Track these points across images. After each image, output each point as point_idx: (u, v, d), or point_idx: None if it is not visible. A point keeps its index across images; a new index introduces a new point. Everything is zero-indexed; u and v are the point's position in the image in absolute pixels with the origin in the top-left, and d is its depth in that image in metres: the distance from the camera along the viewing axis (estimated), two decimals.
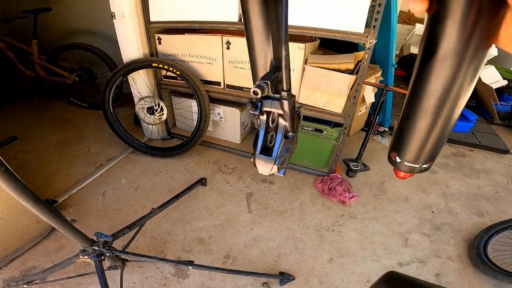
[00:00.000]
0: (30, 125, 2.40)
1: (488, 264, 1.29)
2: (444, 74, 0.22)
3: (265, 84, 0.29)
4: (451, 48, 0.20)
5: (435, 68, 0.22)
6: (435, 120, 0.26)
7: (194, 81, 1.73)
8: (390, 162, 0.34)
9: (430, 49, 0.22)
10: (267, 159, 0.36)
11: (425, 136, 0.27)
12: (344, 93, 1.45)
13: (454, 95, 0.23)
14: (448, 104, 0.24)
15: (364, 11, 1.25)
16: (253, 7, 0.27)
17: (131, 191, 1.72)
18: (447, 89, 0.23)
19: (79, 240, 0.91)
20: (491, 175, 2.01)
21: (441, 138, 0.27)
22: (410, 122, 0.28)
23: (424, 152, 0.29)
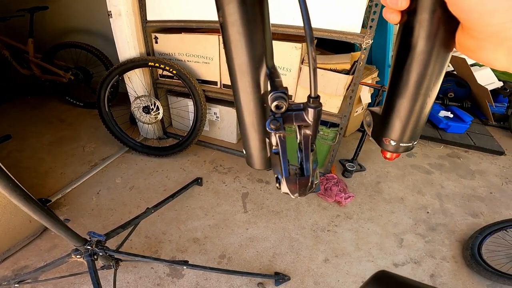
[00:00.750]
0: (24, 123, 2.38)
1: (482, 265, 1.29)
2: (418, 64, 0.26)
3: (285, 95, 0.25)
4: (424, 41, 0.24)
5: (411, 60, 0.26)
6: (415, 102, 0.29)
7: (191, 80, 1.72)
8: (380, 145, 0.36)
9: (406, 43, 0.25)
10: (302, 180, 0.31)
11: (407, 116, 0.31)
12: (341, 93, 1.46)
13: (427, 81, 0.27)
14: (424, 89, 0.28)
15: (361, 12, 1.25)
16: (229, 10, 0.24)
17: (125, 191, 1.70)
18: (422, 76, 0.26)
19: (72, 239, 0.90)
20: (486, 176, 2.02)
21: (421, 118, 0.31)
22: (394, 107, 0.31)
23: (407, 131, 0.32)
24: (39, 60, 2.44)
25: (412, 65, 0.26)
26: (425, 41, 0.24)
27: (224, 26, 0.25)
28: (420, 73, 0.26)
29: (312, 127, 0.29)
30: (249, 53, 0.26)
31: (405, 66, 0.27)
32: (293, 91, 1.64)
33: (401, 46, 0.26)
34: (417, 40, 0.24)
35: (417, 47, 0.25)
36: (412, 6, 0.23)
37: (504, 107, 2.81)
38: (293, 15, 1.38)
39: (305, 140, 0.30)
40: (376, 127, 0.37)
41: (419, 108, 0.30)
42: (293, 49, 1.50)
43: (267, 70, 0.28)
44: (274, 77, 0.28)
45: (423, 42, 0.24)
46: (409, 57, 0.26)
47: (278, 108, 0.26)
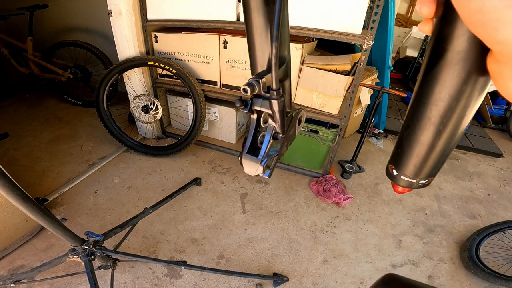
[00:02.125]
0: (22, 122, 2.36)
1: (480, 266, 1.29)
2: (452, 80, 0.20)
3: (256, 82, 0.28)
4: (461, 51, 0.19)
5: (442, 74, 0.20)
6: (439, 132, 0.23)
7: (190, 80, 1.71)
8: (387, 175, 0.32)
9: (438, 52, 0.20)
10: (254, 159, 0.35)
11: (427, 149, 0.25)
12: (340, 95, 1.46)
13: (462, 105, 0.21)
14: (455, 115, 0.22)
15: (362, 13, 1.25)
16: (254, 4, 0.27)
17: (123, 190, 1.69)
18: (455, 98, 0.21)
19: (69, 239, 0.89)
20: (484, 178, 2.03)
21: (444, 152, 0.25)
22: (411, 133, 0.26)
23: (424, 167, 0.27)
24: (38, 58, 2.42)
25: (449, 72, 0.20)
26: (470, 35, 0.18)
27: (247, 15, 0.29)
28: (459, 84, 0.20)
29: (275, 117, 0.33)
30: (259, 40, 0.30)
31: (439, 75, 0.21)
32: (293, 92, 1.64)
33: (434, 47, 0.20)
34: (458, 36, 0.18)
35: (458, 46, 0.19)
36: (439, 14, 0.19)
37: (503, 109, 2.83)
38: (294, 16, 1.37)
39: (268, 129, 0.34)
40: (392, 153, 0.32)
41: (444, 141, 0.24)
42: (293, 49, 1.50)
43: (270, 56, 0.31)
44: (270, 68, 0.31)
45: (466, 37, 0.18)
46: (445, 61, 0.20)
47: (244, 91, 0.29)
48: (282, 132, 0.34)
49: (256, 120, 0.34)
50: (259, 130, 0.35)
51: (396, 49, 4.38)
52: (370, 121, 1.78)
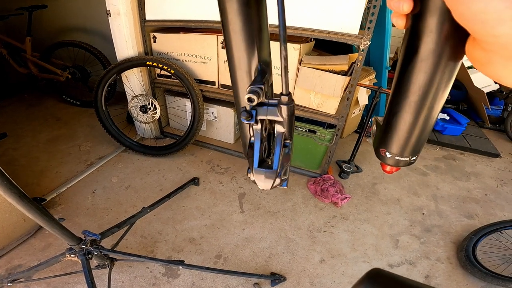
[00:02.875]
0: (20, 122, 2.36)
1: (476, 266, 1.30)
2: (424, 72, 0.24)
3: (260, 89, 0.27)
4: (431, 48, 0.22)
5: (417, 65, 0.24)
6: (418, 114, 0.27)
7: (188, 80, 1.72)
8: (378, 157, 0.34)
9: (412, 49, 0.23)
10: (269, 172, 0.32)
11: (410, 129, 0.28)
12: (338, 95, 1.46)
13: (434, 91, 0.25)
14: (429, 100, 0.25)
15: (359, 13, 1.26)
16: (231, 6, 0.25)
17: (122, 190, 1.70)
18: (428, 86, 0.24)
19: (66, 238, 0.89)
20: (481, 178, 2.04)
21: (424, 131, 0.29)
22: (396, 118, 0.29)
23: (409, 145, 0.30)
24: (37, 58, 2.42)
25: (418, 73, 0.24)
26: (432, 48, 0.22)
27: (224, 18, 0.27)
28: (426, 82, 0.24)
29: (285, 123, 0.30)
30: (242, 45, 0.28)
31: (410, 74, 0.25)
32: (291, 92, 1.64)
33: (406, 53, 0.24)
34: (423, 46, 0.22)
35: (423, 54, 0.22)
36: (417, 10, 0.21)
37: (500, 109, 2.83)
38: (291, 16, 1.38)
39: (278, 136, 0.32)
40: (377, 137, 0.35)
41: (423, 121, 0.28)
42: (291, 49, 1.50)
43: (258, 65, 0.29)
44: (262, 73, 0.29)
45: (429, 49, 0.22)
46: (415, 64, 0.24)
47: (250, 101, 0.27)
48: (290, 137, 0.33)
49: (261, 130, 0.32)
50: (262, 140, 0.33)
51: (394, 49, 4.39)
52: (367, 121, 1.78)
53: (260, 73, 0.29)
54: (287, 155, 0.34)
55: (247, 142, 0.36)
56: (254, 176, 0.33)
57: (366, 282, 0.25)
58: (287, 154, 0.34)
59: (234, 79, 0.32)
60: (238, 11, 0.25)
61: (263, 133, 0.32)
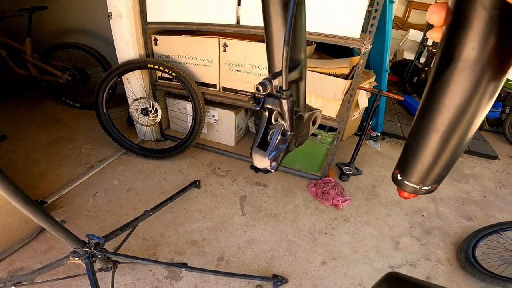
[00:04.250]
0: (20, 124, 2.35)
1: (476, 267, 1.31)
2: (462, 86, 0.20)
3: (268, 82, 0.30)
4: (469, 59, 0.18)
5: (452, 79, 0.20)
6: (447, 138, 0.23)
7: (190, 83, 1.72)
8: (393, 180, 0.31)
9: (446, 60, 0.20)
10: (262, 153, 0.37)
11: (434, 156, 0.25)
12: (339, 98, 1.48)
13: (471, 112, 0.21)
14: (464, 122, 0.21)
15: (361, 17, 1.27)
16: (273, 10, 0.29)
17: (123, 193, 1.70)
18: (464, 104, 0.20)
19: (70, 241, 0.89)
20: (480, 180, 2.06)
21: (451, 159, 0.25)
22: (418, 139, 0.25)
23: (431, 173, 0.27)
24: (37, 60, 2.42)
25: (454, 88, 0.20)
26: (481, 42, 0.18)
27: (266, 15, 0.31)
28: (469, 90, 0.20)
29: (285, 116, 0.34)
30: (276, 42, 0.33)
31: (444, 89, 0.21)
32: None
33: (444, 52, 0.20)
34: (469, 41, 0.18)
35: (469, 52, 0.18)
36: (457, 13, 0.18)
37: (498, 112, 2.86)
38: None
39: (278, 126, 0.36)
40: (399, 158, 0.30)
41: (456, 141, 0.23)
42: None
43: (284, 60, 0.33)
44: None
45: (477, 44, 0.18)
46: (451, 76, 0.20)
47: (257, 90, 0.30)
48: (291, 130, 0.36)
49: (268, 117, 0.36)
50: (270, 127, 0.37)
51: (393, 51, 4.42)
52: (368, 124, 1.80)
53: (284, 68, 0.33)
54: (283, 144, 0.38)
55: None
56: (252, 153, 0.38)
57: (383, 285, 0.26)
58: (284, 144, 0.38)
59: (270, 69, 0.37)
60: (278, 13, 0.30)
61: (271, 120, 0.37)
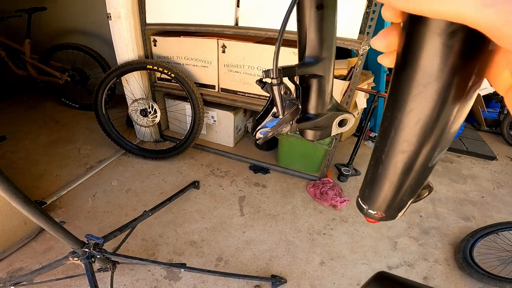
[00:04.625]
0: (19, 124, 2.35)
1: (474, 267, 1.32)
2: (424, 106, 0.17)
3: (271, 72, 0.34)
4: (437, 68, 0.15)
5: (411, 98, 0.17)
6: (408, 170, 0.21)
7: (189, 83, 1.73)
8: (357, 206, 0.30)
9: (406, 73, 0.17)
10: (254, 126, 0.41)
11: (394, 189, 0.23)
12: (337, 99, 1.48)
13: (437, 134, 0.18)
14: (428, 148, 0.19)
15: (359, 18, 1.28)
16: (307, 7, 0.34)
17: (122, 193, 1.70)
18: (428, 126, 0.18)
19: (70, 242, 0.90)
20: (478, 181, 2.07)
21: (412, 191, 0.23)
22: (378, 168, 0.23)
23: (390, 205, 0.25)
24: (36, 61, 2.42)
25: (413, 108, 0.17)
26: (438, 67, 0.15)
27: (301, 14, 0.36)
28: (427, 121, 0.17)
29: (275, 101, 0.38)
30: None
31: (401, 110, 0.18)
32: None
33: (396, 78, 0.18)
34: (424, 67, 0.16)
35: (424, 79, 0.16)
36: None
37: (496, 112, 2.87)
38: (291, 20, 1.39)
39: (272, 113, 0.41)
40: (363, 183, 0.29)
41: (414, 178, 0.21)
42: (291, 54, 1.52)
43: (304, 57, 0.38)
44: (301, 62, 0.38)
45: (434, 69, 0.15)
46: (409, 94, 0.17)
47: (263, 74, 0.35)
48: (282, 113, 0.39)
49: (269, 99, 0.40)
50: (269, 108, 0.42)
51: None
52: (366, 124, 1.80)
53: (299, 61, 0.38)
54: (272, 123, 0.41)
55: None
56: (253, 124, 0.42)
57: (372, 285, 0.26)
58: (272, 124, 0.41)
59: None
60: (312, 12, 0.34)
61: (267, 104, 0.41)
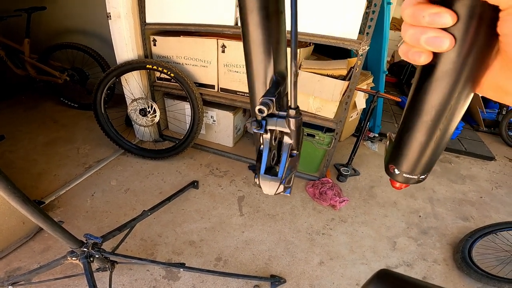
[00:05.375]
0: (18, 124, 2.35)
1: (472, 267, 1.32)
2: (440, 92, 0.23)
3: (271, 101, 0.29)
4: (452, 63, 0.21)
5: (432, 86, 0.23)
6: (432, 134, 0.27)
7: (188, 83, 1.73)
8: (388, 173, 0.34)
9: (428, 67, 0.23)
10: (273, 179, 0.35)
11: (422, 149, 0.28)
12: (337, 99, 1.48)
13: (449, 112, 0.25)
14: (444, 120, 0.25)
15: (358, 18, 1.28)
16: (253, 19, 0.26)
17: (121, 193, 1.70)
18: (443, 106, 0.24)
19: (68, 241, 0.89)
20: (476, 181, 2.07)
21: (437, 151, 0.29)
22: (408, 136, 0.28)
23: (420, 164, 0.30)
24: (35, 60, 2.42)
25: (432, 93, 0.24)
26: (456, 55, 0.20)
27: (245, 30, 0.28)
28: (441, 103, 0.24)
29: (292, 135, 0.32)
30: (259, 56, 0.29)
31: (424, 93, 0.24)
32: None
33: (422, 70, 0.24)
34: (440, 66, 0.22)
35: (439, 74, 0.22)
36: None
37: (495, 113, 2.88)
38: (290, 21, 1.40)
39: (285, 147, 0.34)
40: (388, 152, 0.34)
41: (435, 141, 0.27)
42: None
43: (273, 76, 0.30)
44: (276, 84, 0.30)
45: (447, 68, 0.21)
46: (430, 83, 0.23)
47: (260, 112, 0.28)
48: (297, 148, 0.34)
49: (269, 140, 0.33)
50: (271, 149, 0.35)
51: (391, 53, 4.42)
52: (365, 125, 1.81)
53: (274, 85, 0.30)
54: (293, 164, 0.35)
55: (258, 148, 0.37)
56: (260, 181, 0.36)
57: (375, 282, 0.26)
58: (293, 164, 0.36)
59: (251, 87, 0.33)
60: (258, 23, 0.27)
61: (272, 142, 0.34)
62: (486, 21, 0.18)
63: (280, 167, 0.35)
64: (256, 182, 0.37)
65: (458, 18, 0.18)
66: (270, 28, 0.27)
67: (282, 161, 0.34)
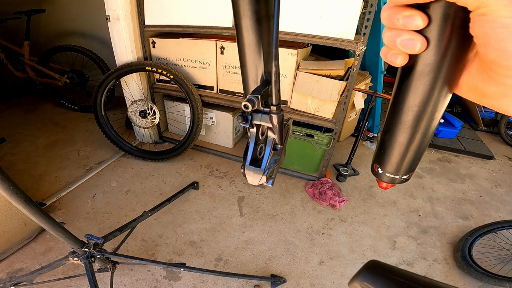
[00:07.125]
0: (18, 126, 2.36)
1: (473, 266, 1.32)
2: (417, 93, 0.24)
3: (256, 98, 0.31)
4: (429, 64, 0.21)
5: (410, 87, 0.24)
6: (413, 133, 0.27)
7: (187, 85, 1.74)
8: (373, 173, 0.35)
9: (406, 69, 0.23)
10: (256, 170, 0.38)
11: (405, 149, 0.29)
12: (335, 99, 1.49)
13: (430, 110, 0.25)
14: (425, 119, 0.25)
15: (355, 19, 1.29)
16: (246, 23, 0.28)
17: (121, 195, 1.70)
18: (421, 107, 0.24)
19: (70, 241, 0.90)
20: (476, 180, 2.08)
21: (419, 150, 0.29)
22: (390, 136, 0.29)
23: (403, 164, 0.31)
24: (35, 63, 2.43)
25: (412, 91, 0.24)
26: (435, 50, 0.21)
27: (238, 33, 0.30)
28: (420, 102, 0.24)
29: (275, 130, 0.35)
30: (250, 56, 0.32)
31: (404, 92, 0.25)
32: (288, 97, 1.67)
33: (402, 70, 0.24)
34: (419, 64, 0.22)
35: (425, 60, 0.22)
36: None
37: (493, 112, 2.89)
38: (289, 22, 1.41)
39: (269, 141, 0.37)
40: (374, 153, 0.35)
41: (421, 135, 0.27)
42: (289, 55, 1.53)
43: (263, 75, 0.33)
44: (265, 83, 0.33)
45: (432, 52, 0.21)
46: (414, 74, 0.23)
47: (245, 107, 0.31)
48: (281, 143, 0.37)
49: (256, 133, 0.36)
50: (258, 142, 0.38)
51: None
52: (364, 125, 1.81)
53: (264, 83, 0.33)
54: (276, 158, 0.39)
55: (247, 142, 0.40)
56: (245, 171, 0.39)
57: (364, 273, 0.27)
58: (277, 158, 0.39)
59: (245, 86, 0.35)
60: (250, 27, 0.29)
61: (258, 136, 0.37)
62: (457, 22, 0.19)
63: (263, 159, 0.37)
64: (242, 171, 0.40)
65: (430, 20, 0.19)
66: (261, 31, 0.29)
67: (265, 154, 0.37)
